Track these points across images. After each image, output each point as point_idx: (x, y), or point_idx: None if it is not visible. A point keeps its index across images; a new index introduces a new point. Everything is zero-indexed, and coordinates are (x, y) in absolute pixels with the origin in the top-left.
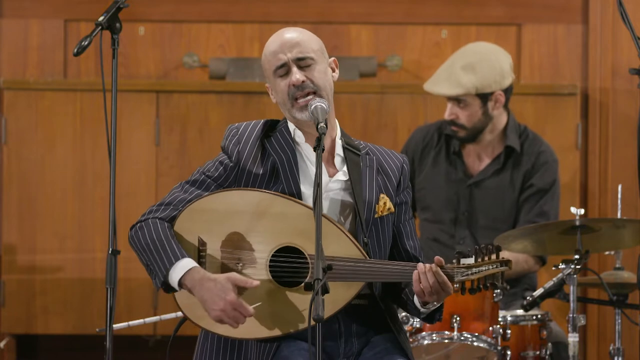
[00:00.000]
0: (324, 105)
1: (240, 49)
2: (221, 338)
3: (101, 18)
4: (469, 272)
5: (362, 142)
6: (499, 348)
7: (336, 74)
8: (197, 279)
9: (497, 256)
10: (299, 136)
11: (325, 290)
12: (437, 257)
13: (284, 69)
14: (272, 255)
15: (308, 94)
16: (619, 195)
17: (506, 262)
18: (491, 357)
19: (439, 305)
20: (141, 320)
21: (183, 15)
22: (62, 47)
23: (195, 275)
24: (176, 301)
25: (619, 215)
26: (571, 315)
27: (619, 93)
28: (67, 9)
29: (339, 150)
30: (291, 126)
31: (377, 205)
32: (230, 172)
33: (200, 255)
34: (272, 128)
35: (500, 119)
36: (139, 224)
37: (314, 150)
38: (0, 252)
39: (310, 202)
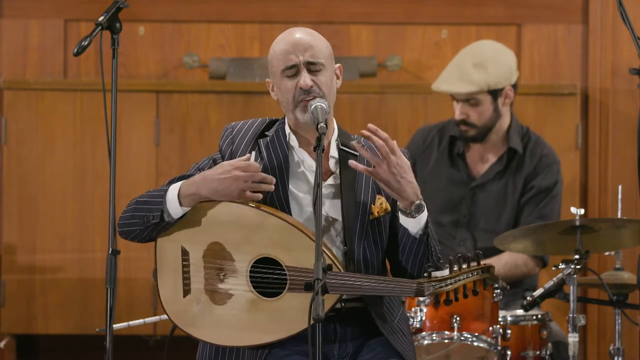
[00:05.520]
0: (324, 105)
1: (240, 49)
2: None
3: (101, 18)
4: (442, 284)
5: (361, 138)
6: (499, 348)
7: (340, 81)
8: (196, 181)
9: (478, 263)
10: (293, 140)
11: (325, 291)
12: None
13: (293, 70)
14: (251, 266)
15: (313, 99)
16: (619, 195)
17: (487, 269)
18: (491, 357)
19: (416, 203)
20: (141, 320)
21: (183, 15)
22: (62, 47)
23: (192, 181)
24: (165, 310)
25: (619, 215)
26: (571, 315)
27: (619, 93)
28: (67, 9)
29: (333, 152)
30: (287, 129)
31: (372, 207)
32: None
33: (183, 264)
34: (269, 127)
35: (505, 119)
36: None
37: (314, 150)
38: (0, 252)
39: (299, 207)
